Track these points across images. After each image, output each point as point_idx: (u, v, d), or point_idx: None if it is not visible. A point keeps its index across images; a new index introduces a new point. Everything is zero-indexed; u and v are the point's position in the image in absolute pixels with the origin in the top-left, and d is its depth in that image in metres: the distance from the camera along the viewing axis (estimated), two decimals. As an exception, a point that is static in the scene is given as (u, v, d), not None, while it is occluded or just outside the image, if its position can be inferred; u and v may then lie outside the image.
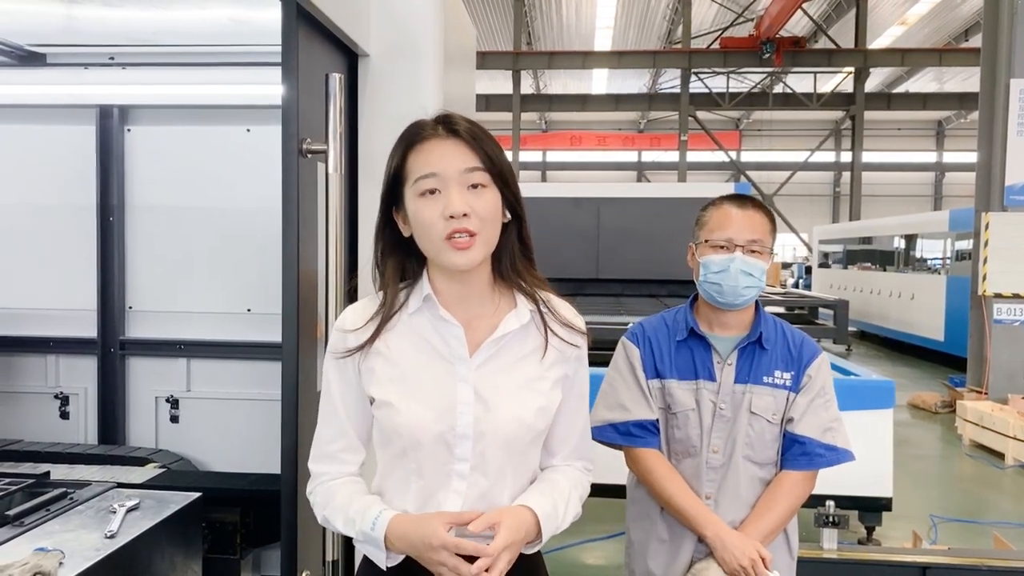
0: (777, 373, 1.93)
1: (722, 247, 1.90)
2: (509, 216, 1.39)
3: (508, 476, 1.39)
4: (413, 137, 1.36)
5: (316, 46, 2.06)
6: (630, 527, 2.07)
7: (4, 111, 3.14)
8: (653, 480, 1.92)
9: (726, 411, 1.91)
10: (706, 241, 1.94)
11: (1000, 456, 6.81)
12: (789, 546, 1.99)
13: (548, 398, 1.41)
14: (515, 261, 1.43)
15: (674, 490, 1.89)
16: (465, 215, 1.29)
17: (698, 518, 1.86)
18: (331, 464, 1.44)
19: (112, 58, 2.96)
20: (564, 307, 1.48)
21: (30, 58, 2.96)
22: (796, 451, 1.91)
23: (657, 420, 1.96)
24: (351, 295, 1.93)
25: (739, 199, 1.95)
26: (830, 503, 3.46)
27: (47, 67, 3.00)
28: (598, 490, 1.71)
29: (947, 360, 11.84)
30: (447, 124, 1.34)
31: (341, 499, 1.39)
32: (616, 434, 1.96)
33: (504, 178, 1.35)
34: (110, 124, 3.09)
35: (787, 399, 1.92)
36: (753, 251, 1.89)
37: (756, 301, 1.98)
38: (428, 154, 1.33)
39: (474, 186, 1.32)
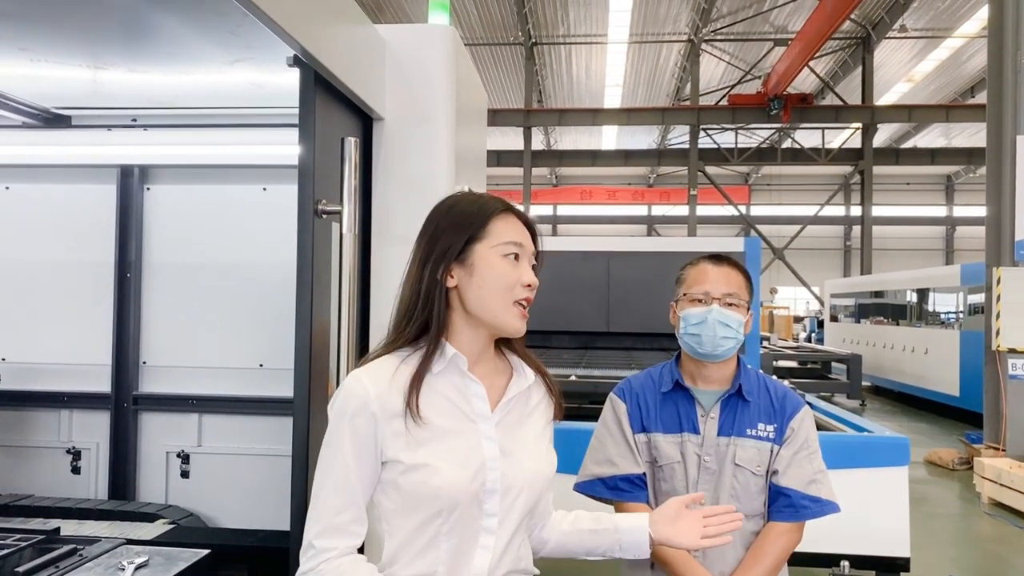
0: (760, 426, 1.97)
1: (699, 300, 1.96)
2: None
3: (522, 529, 1.46)
4: (495, 210, 1.45)
5: (332, 110, 2.13)
6: None
7: (30, 171, 3.22)
8: None
9: (711, 463, 1.95)
10: (684, 295, 2.01)
11: (1020, 515, 6.68)
12: None
13: (553, 452, 1.53)
14: None
15: None
16: (532, 288, 1.44)
17: (685, 570, 1.88)
18: (340, 538, 1.36)
19: (135, 120, 3.05)
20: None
21: (56, 120, 3.04)
22: (782, 503, 1.95)
23: (644, 474, 1.99)
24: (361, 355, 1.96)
25: (715, 257, 2.03)
26: (845, 563, 3.40)
27: (72, 129, 3.08)
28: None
29: (963, 416, 11.68)
30: (516, 212, 1.51)
31: None
32: (604, 489, 2.01)
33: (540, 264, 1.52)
34: (130, 183, 3.16)
35: (771, 451, 1.96)
36: (730, 304, 1.95)
37: (739, 357, 2.04)
38: (514, 226, 1.46)
39: (532, 265, 1.48)
